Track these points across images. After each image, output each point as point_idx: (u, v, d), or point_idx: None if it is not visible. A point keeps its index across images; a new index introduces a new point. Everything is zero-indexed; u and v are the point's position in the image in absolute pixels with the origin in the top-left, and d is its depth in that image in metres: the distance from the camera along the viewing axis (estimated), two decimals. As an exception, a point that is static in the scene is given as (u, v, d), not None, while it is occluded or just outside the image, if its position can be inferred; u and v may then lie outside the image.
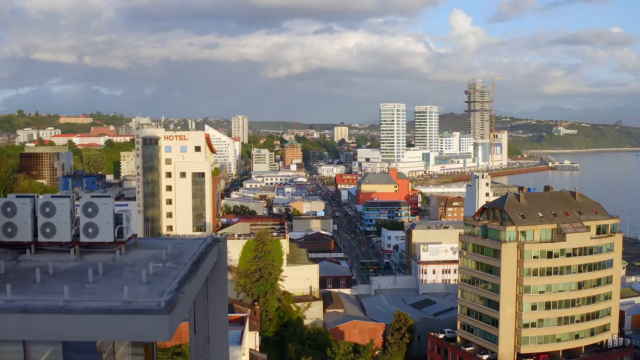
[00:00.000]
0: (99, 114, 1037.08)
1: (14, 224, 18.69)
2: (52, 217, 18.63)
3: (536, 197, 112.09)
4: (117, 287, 14.75)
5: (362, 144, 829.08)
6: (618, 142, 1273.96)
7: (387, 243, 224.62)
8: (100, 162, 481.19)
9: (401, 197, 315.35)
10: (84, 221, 18.65)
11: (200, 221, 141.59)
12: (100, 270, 16.44)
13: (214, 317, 20.62)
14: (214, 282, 20.30)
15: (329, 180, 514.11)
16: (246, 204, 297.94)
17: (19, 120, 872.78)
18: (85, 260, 17.94)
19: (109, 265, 17.20)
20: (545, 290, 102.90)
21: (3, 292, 14.00)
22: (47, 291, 14.65)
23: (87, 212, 18.62)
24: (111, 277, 16.13)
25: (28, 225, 18.70)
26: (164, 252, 18.02)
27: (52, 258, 17.96)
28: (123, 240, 18.85)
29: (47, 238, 18.71)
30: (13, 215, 18.63)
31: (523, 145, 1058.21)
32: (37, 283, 15.51)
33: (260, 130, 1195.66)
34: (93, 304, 13.31)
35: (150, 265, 16.34)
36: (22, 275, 16.32)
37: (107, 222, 18.67)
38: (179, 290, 14.50)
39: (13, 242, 18.73)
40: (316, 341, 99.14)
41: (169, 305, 13.31)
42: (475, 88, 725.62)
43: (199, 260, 17.51)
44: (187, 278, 15.77)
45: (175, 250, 18.86)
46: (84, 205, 18.58)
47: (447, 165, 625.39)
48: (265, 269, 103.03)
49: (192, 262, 17.05)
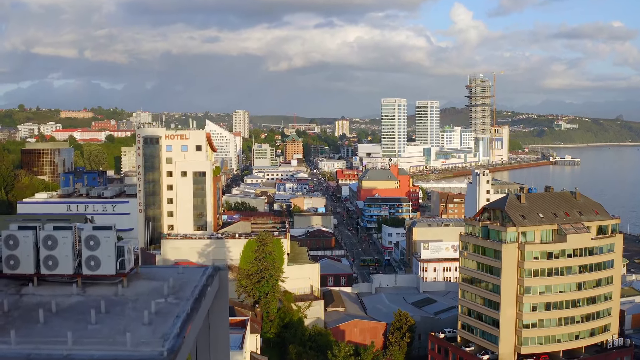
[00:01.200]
0: (99, 108, 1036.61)
1: (16, 257, 18.81)
2: (54, 249, 18.75)
3: (537, 198, 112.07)
4: (120, 329, 14.87)
5: (363, 139, 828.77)
6: (619, 137, 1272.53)
7: (388, 240, 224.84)
8: (101, 157, 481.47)
9: (402, 193, 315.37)
10: (86, 254, 18.77)
11: (201, 220, 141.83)
12: (103, 308, 16.56)
13: (215, 344, 20.76)
14: (216, 312, 20.43)
15: (330, 176, 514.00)
16: (247, 201, 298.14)
17: (19, 115, 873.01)
18: (88, 294, 18.06)
19: (111, 301, 17.32)
20: (545, 290, 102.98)
21: (7, 336, 14.12)
22: (51, 334, 14.77)
23: (89, 245, 18.74)
24: (114, 316, 16.25)
25: (30, 258, 18.82)
26: (165, 286, 18.14)
27: (54, 292, 18.09)
28: (125, 272, 18.97)
29: (50, 270, 18.83)
30: (15, 247, 18.75)
31: (524, 139, 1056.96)
32: (41, 324, 15.62)
33: (261, 125, 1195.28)
34: (96, 354, 13.42)
35: (152, 303, 16.46)
36: (25, 314, 16.44)
37: (108, 255, 18.79)
38: (181, 334, 14.63)
39: (16, 274, 18.85)
40: (317, 342, 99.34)
41: (171, 353, 13.44)
42: (477, 83, 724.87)
43: (200, 296, 17.64)
44: (189, 318, 15.90)
45: (176, 282, 18.97)
46: (85, 238, 18.70)
47: (448, 160, 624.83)
48: (266, 270, 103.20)
49: (194, 298, 17.17)
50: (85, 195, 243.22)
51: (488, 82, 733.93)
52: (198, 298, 17.41)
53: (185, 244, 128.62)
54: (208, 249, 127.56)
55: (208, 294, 18.75)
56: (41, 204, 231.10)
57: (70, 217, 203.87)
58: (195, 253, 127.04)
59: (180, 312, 15.98)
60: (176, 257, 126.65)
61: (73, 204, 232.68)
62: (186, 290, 18.19)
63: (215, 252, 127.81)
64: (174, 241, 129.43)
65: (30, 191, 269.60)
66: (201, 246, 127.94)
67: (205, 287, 18.51)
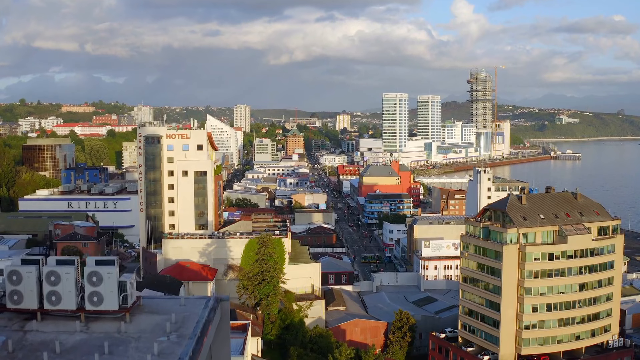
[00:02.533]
0: (101, 102, 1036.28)
1: (19, 292, 18.97)
2: (57, 285, 18.90)
3: (538, 199, 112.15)
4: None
5: (364, 133, 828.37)
6: (620, 131, 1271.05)
7: (389, 237, 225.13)
8: (102, 152, 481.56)
9: (403, 189, 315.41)
10: (88, 290, 18.93)
11: (203, 219, 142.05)
12: (106, 349, 16.70)
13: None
14: (218, 342, 20.58)
15: (331, 170, 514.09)
16: (248, 197, 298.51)
17: (20, 109, 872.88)
18: (92, 331, 18.21)
19: (115, 340, 17.46)
20: (546, 292, 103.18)
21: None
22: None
23: (92, 281, 18.89)
24: (117, 358, 16.39)
25: (34, 293, 18.98)
26: (167, 323, 18.26)
27: (58, 328, 18.24)
28: (127, 307, 19.12)
29: (53, 306, 18.98)
30: (19, 283, 18.91)
31: (525, 133, 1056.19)
32: (45, 368, 15.78)
33: (262, 119, 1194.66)
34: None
35: (155, 343, 16.60)
36: (29, 354, 16.59)
37: (111, 290, 18.94)
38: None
39: (20, 309, 19.01)
40: (318, 345, 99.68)
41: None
42: (478, 77, 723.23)
43: (202, 334, 17.78)
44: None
45: (179, 316, 19.10)
46: (88, 274, 18.85)
47: (449, 155, 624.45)
48: (267, 272, 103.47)
49: (196, 338, 17.31)
50: (86, 192, 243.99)
51: (489, 77, 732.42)
52: (200, 336, 17.56)
53: (187, 244, 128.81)
54: (209, 249, 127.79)
55: (211, 328, 18.90)
56: (42, 200, 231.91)
57: (71, 215, 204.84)
58: (197, 252, 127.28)
59: (183, 354, 16.13)
60: (177, 257, 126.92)
61: (74, 200, 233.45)
62: (188, 325, 18.33)
63: (217, 251, 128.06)
64: (175, 241, 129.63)
65: (32, 187, 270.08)
66: (202, 246, 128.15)
67: (208, 323, 18.66)
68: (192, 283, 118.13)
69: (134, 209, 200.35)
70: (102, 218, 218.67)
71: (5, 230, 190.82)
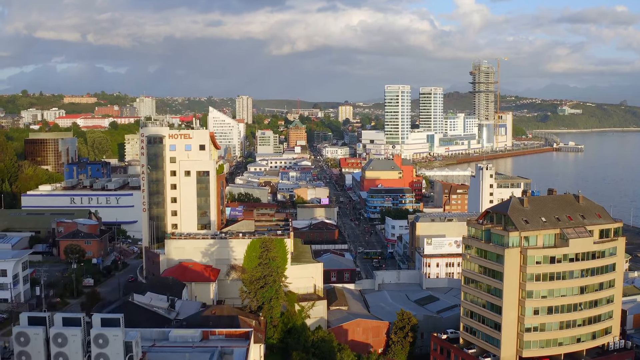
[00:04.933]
0: (103, 93, 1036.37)
1: (27, 353, 19.29)
2: (64, 347, 19.23)
3: (539, 201, 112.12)
4: None
5: (366, 124, 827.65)
6: (623, 122, 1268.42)
7: (391, 232, 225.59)
8: (104, 144, 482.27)
9: (405, 183, 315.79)
10: (95, 351, 19.25)
11: (205, 219, 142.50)
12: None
13: None
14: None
15: (334, 162, 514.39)
16: (250, 191, 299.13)
17: (23, 100, 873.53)
18: (97, 396, 18.51)
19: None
20: (547, 295, 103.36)
21: None
22: None
23: (98, 344, 19.18)
24: None
25: (41, 355, 19.34)
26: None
27: (65, 392, 18.52)
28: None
29: (60, 367, 19.26)
30: (26, 344, 19.22)
31: (528, 124, 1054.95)
32: None
33: (265, 109, 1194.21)
34: None
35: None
36: None
37: (117, 352, 19.25)
38: None
39: (27, 369, 19.29)
40: (320, 349, 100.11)
41: None
42: (480, 69, 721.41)
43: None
44: None
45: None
46: (94, 336, 19.15)
47: (451, 147, 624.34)
48: (269, 276, 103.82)
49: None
50: (89, 187, 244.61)
51: (492, 68, 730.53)
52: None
53: (189, 244, 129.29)
54: (212, 249, 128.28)
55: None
56: (45, 196, 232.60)
57: (74, 212, 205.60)
58: (199, 253, 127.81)
59: None
60: (180, 257, 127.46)
61: (77, 196, 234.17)
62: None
63: (219, 251, 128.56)
64: (177, 241, 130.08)
65: (34, 182, 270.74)
66: (205, 246, 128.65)
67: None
68: (195, 284, 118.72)
69: (136, 204, 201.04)
70: (104, 214, 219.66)
71: (8, 228, 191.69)
